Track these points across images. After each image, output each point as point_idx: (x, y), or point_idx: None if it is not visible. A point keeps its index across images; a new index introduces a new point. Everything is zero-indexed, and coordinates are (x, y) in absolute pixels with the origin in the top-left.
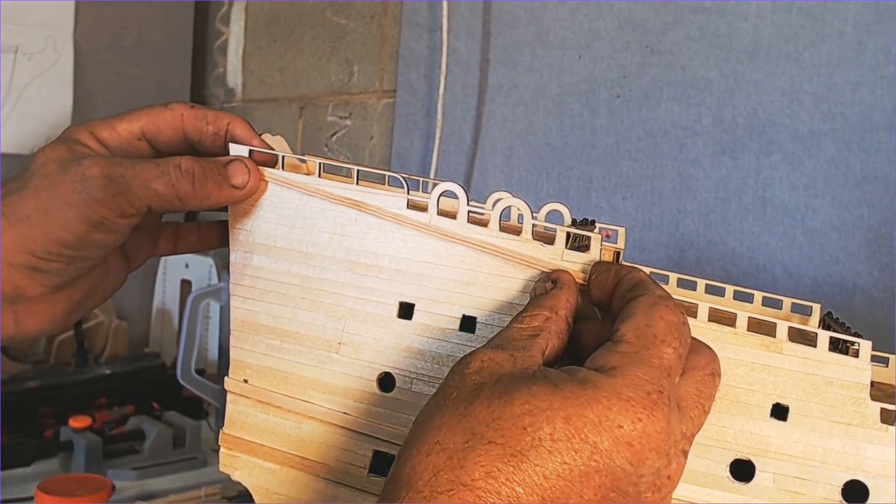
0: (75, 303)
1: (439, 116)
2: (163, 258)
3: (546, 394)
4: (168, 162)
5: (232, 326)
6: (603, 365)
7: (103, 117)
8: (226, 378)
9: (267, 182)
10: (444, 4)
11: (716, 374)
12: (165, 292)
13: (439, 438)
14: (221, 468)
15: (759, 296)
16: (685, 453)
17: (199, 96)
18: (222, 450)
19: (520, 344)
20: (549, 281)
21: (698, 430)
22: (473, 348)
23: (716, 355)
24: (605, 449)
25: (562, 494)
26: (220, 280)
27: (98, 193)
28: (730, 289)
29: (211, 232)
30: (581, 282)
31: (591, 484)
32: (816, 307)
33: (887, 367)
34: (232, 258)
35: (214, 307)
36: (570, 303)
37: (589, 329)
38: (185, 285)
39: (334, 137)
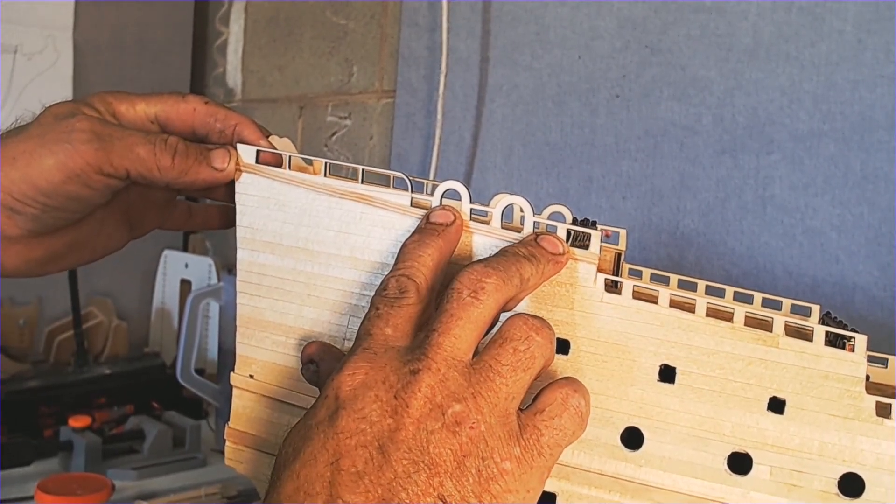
0: (55, 252)
1: (439, 116)
2: (163, 258)
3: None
4: (156, 135)
5: (238, 323)
6: None
7: (127, 91)
8: (231, 373)
9: (271, 178)
10: (444, 4)
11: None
12: (165, 292)
13: None
14: (227, 462)
15: (758, 297)
16: (414, 372)
17: None
18: (228, 444)
19: None
20: None
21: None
22: None
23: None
24: (321, 419)
25: (309, 480)
26: (219, 280)
27: (80, 146)
28: (730, 290)
29: (217, 212)
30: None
31: (329, 448)
32: (815, 308)
33: (886, 368)
34: (239, 256)
35: (214, 307)
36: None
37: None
38: (185, 285)
39: (334, 137)
